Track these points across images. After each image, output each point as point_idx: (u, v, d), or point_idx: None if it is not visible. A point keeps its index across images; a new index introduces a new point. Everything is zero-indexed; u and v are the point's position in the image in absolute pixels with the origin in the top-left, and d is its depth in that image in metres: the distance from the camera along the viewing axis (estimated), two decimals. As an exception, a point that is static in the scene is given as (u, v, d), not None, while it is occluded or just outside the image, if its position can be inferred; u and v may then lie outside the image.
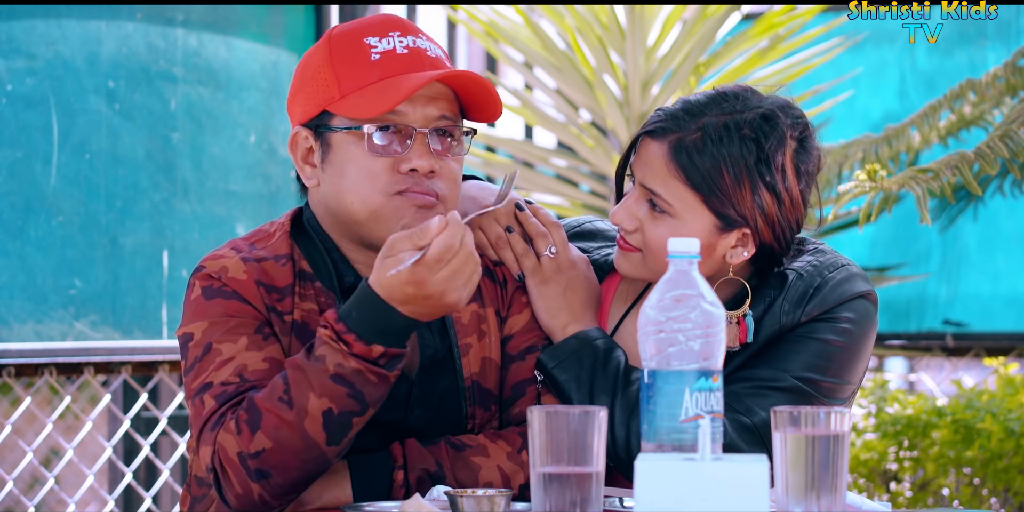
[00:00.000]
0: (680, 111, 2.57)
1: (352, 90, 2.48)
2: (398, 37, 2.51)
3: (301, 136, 2.54)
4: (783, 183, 2.54)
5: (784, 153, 2.54)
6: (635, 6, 4.93)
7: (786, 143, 2.55)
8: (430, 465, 2.47)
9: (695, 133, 2.53)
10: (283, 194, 4.81)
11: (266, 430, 2.35)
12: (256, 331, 2.47)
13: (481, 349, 2.60)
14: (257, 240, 2.57)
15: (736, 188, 2.52)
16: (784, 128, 2.55)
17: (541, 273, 2.64)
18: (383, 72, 2.48)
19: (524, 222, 2.67)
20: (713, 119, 2.54)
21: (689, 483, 1.99)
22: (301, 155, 2.55)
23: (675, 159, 2.54)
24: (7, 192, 4.23)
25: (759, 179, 2.52)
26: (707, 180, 2.52)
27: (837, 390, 2.57)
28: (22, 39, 4.27)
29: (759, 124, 2.54)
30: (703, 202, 2.53)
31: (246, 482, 2.37)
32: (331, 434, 2.35)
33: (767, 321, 2.58)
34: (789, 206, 2.56)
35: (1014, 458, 4.59)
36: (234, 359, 2.44)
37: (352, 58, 2.49)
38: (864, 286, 2.61)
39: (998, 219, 5.19)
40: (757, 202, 2.53)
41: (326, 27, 4.96)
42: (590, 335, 2.60)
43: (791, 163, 2.55)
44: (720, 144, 2.52)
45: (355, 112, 2.47)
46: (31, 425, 6.10)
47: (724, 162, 2.52)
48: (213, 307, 2.48)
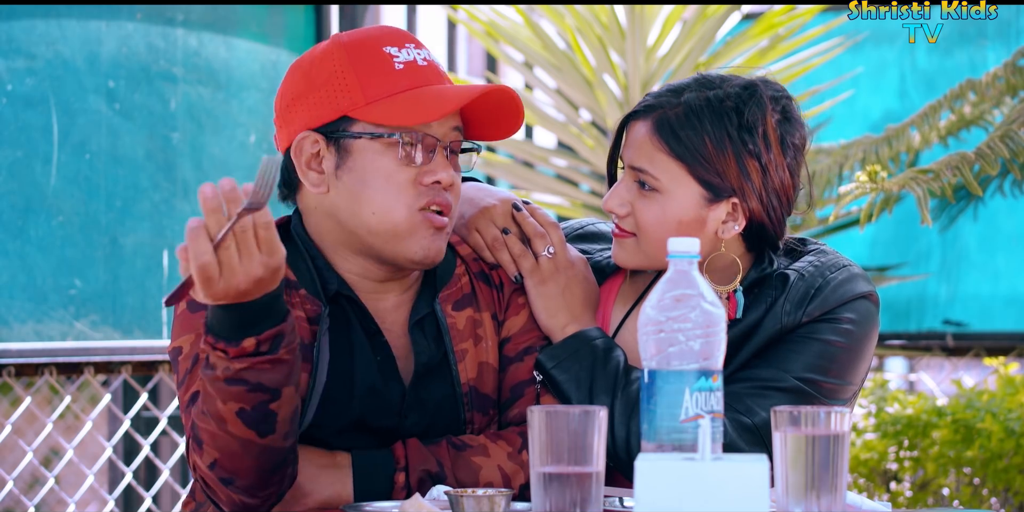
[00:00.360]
0: (663, 91, 2.63)
1: (379, 97, 2.47)
2: (414, 49, 2.52)
3: (309, 141, 2.51)
4: (767, 151, 2.57)
5: (766, 121, 2.57)
6: (635, 6, 4.93)
7: (767, 112, 2.58)
8: (431, 465, 2.47)
9: (677, 107, 2.58)
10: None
11: (208, 442, 2.35)
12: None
13: (478, 354, 2.59)
14: None
15: (720, 155, 2.55)
16: (765, 98, 2.59)
17: (539, 273, 2.64)
18: (410, 82, 2.48)
19: (521, 222, 2.67)
20: (695, 94, 2.59)
21: (689, 483, 1.99)
22: (305, 160, 2.52)
23: (658, 132, 2.57)
24: (7, 192, 4.23)
25: (742, 146, 2.55)
26: (690, 149, 2.55)
27: (838, 391, 2.57)
28: (22, 39, 4.27)
29: (739, 94, 2.58)
30: (688, 172, 2.56)
31: (224, 490, 2.39)
32: (257, 428, 2.32)
33: (768, 321, 2.58)
34: (775, 175, 2.58)
35: (1014, 458, 4.59)
36: None
37: (376, 66, 2.48)
38: (866, 287, 2.62)
39: (998, 219, 5.19)
40: (742, 168, 2.55)
41: (326, 27, 4.96)
42: (589, 335, 2.60)
43: (774, 132, 2.58)
44: (702, 114, 2.56)
45: (388, 119, 2.46)
46: (31, 425, 6.11)
47: (706, 129, 2.55)
48: (199, 319, 2.48)
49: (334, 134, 2.49)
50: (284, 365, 2.29)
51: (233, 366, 2.27)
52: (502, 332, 2.63)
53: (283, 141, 2.55)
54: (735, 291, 2.60)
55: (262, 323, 2.26)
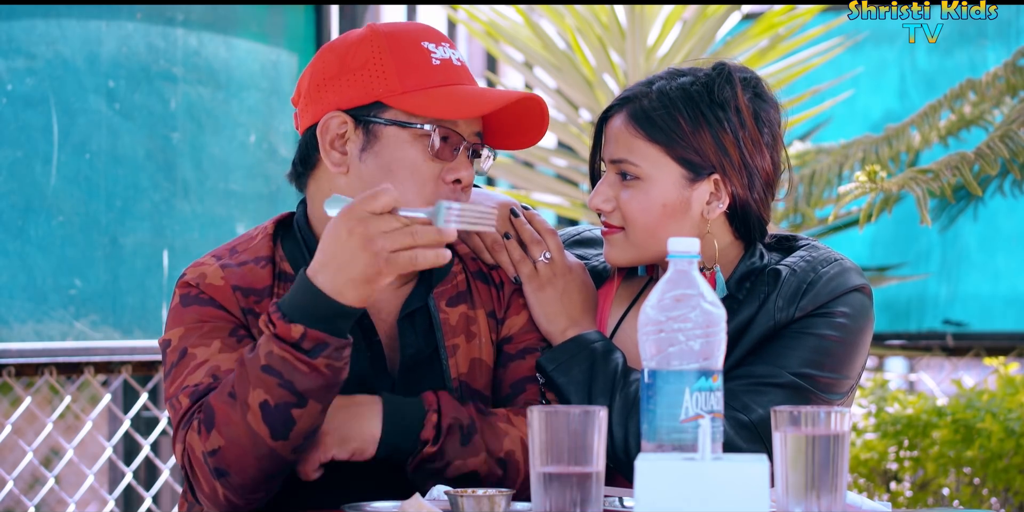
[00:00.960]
0: (634, 85, 2.67)
1: (416, 88, 2.49)
2: (448, 48, 2.55)
3: (337, 120, 2.51)
4: (741, 127, 2.60)
5: (736, 96, 2.61)
6: (635, 6, 4.94)
7: (737, 88, 2.61)
8: (463, 416, 2.47)
9: (649, 95, 2.62)
10: (283, 194, 4.81)
11: (219, 427, 2.36)
12: (230, 334, 2.49)
13: (470, 350, 2.60)
14: (239, 244, 2.59)
15: (695, 131, 2.58)
16: (735, 76, 2.63)
17: (537, 279, 2.65)
18: (446, 78, 2.51)
19: (519, 228, 2.67)
20: (665, 82, 2.64)
21: (689, 483, 1.99)
22: (330, 139, 2.52)
23: (633, 120, 2.60)
24: (7, 192, 4.23)
25: (716, 122, 2.59)
26: (665, 130, 2.59)
27: (835, 385, 2.57)
28: (22, 39, 4.27)
29: (708, 74, 2.63)
30: (666, 153, 2.59)
31: (211, 481, 2.38)
32: (273, 427, 2.33)
33: (761, 318, 2.59)
34: (753, 151, 2.60)
35: (1014, 458, 4.59)
36: (208, 362, 2.45)
37: (414, 57, 2.50)
38: (858, 279, 2.62)
39: (998, 219, 5.19)
40: (718, 144, 2.58)
41: (326, 27, 4.96)
42: (588, 338, 2.61)
43: (747, 108, 2.61)
44: (675, 97, 2.60)
45: (424, 110, 2.48)
46: (31, 425, 6.11)
47: (679, 111, 2.59)
48: (189, 314, 2.51)
49: (365, 117, 2.50)
50: (319, 376, 2.31)
51: (274, 350, 2.30)
52: (503, 331, 2.64)
53: (307, 119, 2.55)
54: (715, 268, 2.61)
55: (322, 323, 2.30)
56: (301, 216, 2.59)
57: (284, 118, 4.83)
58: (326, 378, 2.33)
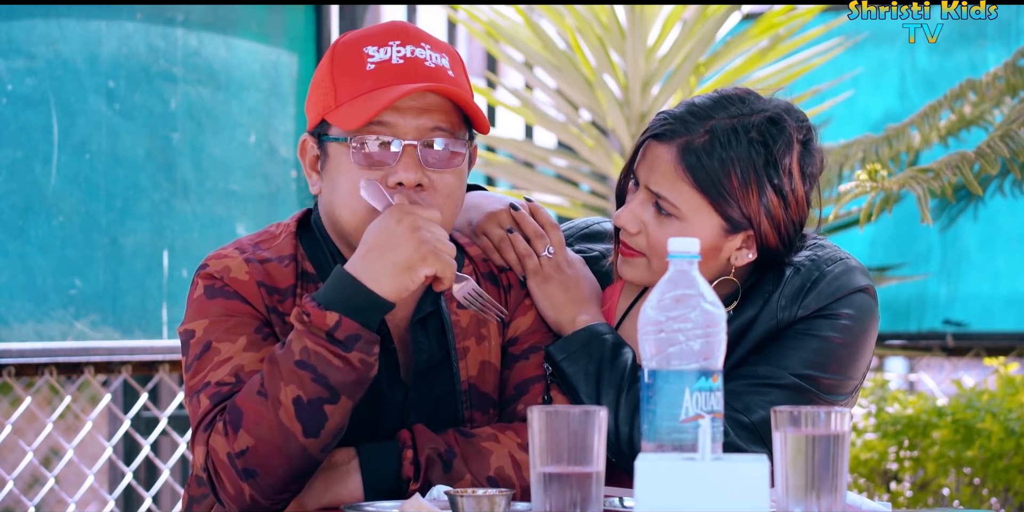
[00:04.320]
0: (687, 114, 2.57)
1: (345, 100, 2.47)
2: (397, 46, 2.48)
3: (308, 144, 2.55)
4: (789, 185, 2.55)
5: (791, 156, 2.55)
6: (635, 6, 4.93)
7: (793, 145, 2.56)
8: (440, 445, 2.46)
9: (703, 136, 2.54)
10: (283, 194, 4.81)
11: (247, 427, 2.35)
12: (256, 331, 2.47)
13: (480, 353, 2.59)
14: (262, 241, 2.58)
15: (744, 190, 2.53)
16: (791, 131, 2.56)
17: (542, 272, 2.65)
18: (374, 83, 2.46)
19: (521, 222, 2.67)
20: (721, 122, 2.54)
21: (689, 483, 1.99)
22: (309, 162, 2.55)
23: (684, 161, 2.54)
24: (7, 192, 4.23)
25: (767, 182, 2.53)
26: (715, 182, 2.53)
27: (838, 386, 2.57)
28: (22, 39, 4.27)
29: (767, 127, 2.54)
30: (710, 204, 2.54)
31: (237, 482, 2.37)
32: (305, 424, 2.33)
33: (764, 316, 2.58)
34: (795, 208, 2.57)
35: (1014, 458, 4.59)
36: (232, 359, 2.44)
37: (349, 68, 2.48)
38: (863, 280, 2.61)
39: (998, 219, 5.19)
40: (764, 204, 2.54)
41: (326, 27, 4.96)
42: (600, 330, 2.60)
43: (797, 165, 2.56)
44: (729, 146, 2.52)
45: (344, 123, 2.46)
46: (31, 425, 6.11)
47: (732, 164, 2.52)
48: (214, 306, 2.49)
49: (319, 137, 2.53)
50: (352, 370, 2.33)
51: (308, 345, 2.31)
52: (508, 332, 2.63)
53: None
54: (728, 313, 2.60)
55: (357, 313, 2.33)
56: (318, 219, 2.59)
57: (284, 118, 4.82)
58: (359, 373, 2.34)
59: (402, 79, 2.46)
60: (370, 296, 2.34)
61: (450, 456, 2.46)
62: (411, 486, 2.43)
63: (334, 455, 2.46)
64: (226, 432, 2.36)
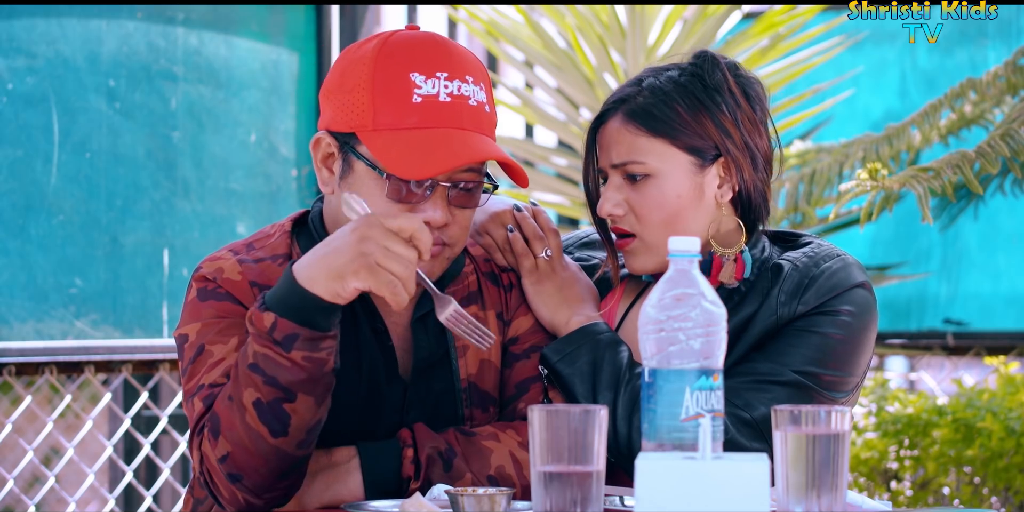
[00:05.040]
0: (619, 88, 2.68)
1: (386, 127, 2.43)
2: (444, 79, 2.44)
3: (324, 142, 2.49)
4: (737, 107, 2.61)
5: (726, 79, 2.63)
6: (636, 5, 4.94)
7: (724, 71, 2.64)
8: (440, 444, 2.47)
9: (642, 92, 2.63)
10: (283, 193, 4.81)
11: (225, 433, 2.36)
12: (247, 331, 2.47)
13: (479, 351, 2.59)
14: (256, 240, 2.58)
15: (694, 115, 2.60)
16: (719, 60, 2.65)
17: (537, 273, 2.66)
18: (421, 120, 2.42)
19: (521, 223, 2.68)
20: (652, 78, 2.65)
21: (689, 482, 1.99)
22: (321, 157, 2.51)
23: (632, 118, 2.61)
24: (8, 191, 4.23)
25: (712, 104, 2.60)
26: (666, 120, 2.60)
27: (839, 383, 2.57)
28: (23, 38, 4.27)
29: (694, 65, 2.65)
30: (671, 143, 2.60)
31: (228, 486, 2.39)
32: (270, 425, 2.33)
33: (763, 313, 2.59)
34: (750, 127, 2.63)
35: (1015, 457, 4.59)
36: (224, 360, 2.44)
37: (394, 93, 2.43)
38: (860, 276, 2.62)
39: (999, 218, 5.19)
40: (719, 125, 2.60)
41: (326, 26, 4.96)
42: (595, 329, 2.61)
43: (736, 86, 2.63)
44: (668, 89, 2.62)
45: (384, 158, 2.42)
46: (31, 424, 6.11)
47: (675, 99, 2.61)
48: (206, 309, 2.49)
49: (344, 145, 2.48)
50: (299, 369, 2.31)
51: (256, 348, 2.31)
52: (509, 332, 2.64)
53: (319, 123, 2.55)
54: (742, 251, 2.61)
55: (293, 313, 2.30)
56: (316, 214, 2.59)
57: (284, 117, 4.83)
58: (307, 371, 2.32)
59: (450, 122, 2.43)
60: (306, 297, 2.30)
61: (450, 455, 2.46)
62: (412, 485, 2.43)
63: (334, 454, 2.47)
64: (210, 438, 2.38)
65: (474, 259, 2.66)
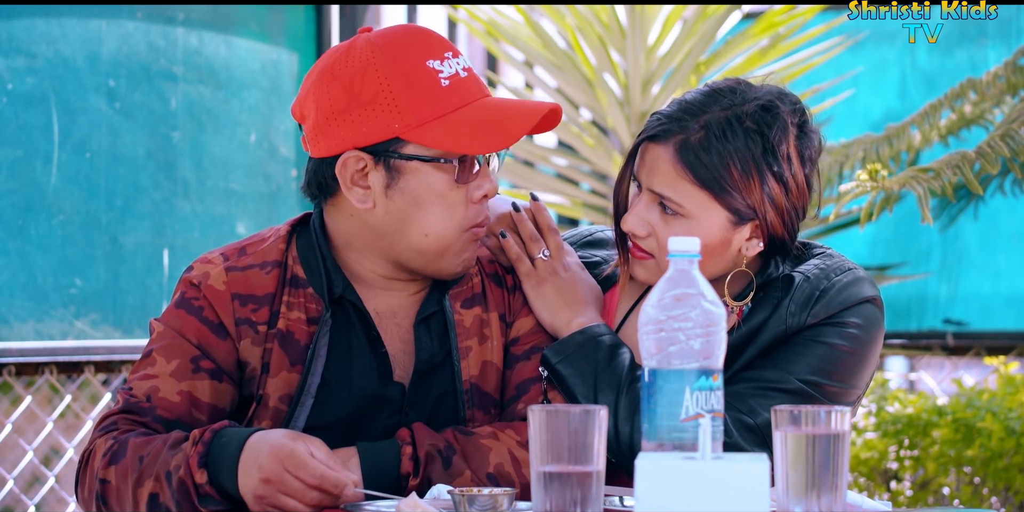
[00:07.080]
0: (679, 112, 2.57)
1: (432, 118, 2.44)
2: (452, 58, 2.48)
3: (354, 159, 2.46)
4: (789, 171, 2.55)
5: (787, 141, 2.55)
6: (636, 5, 4.94)
7: (788, 131, 2.55)
8: (439, 442, 2.47)
9: (699, 132, 2.53)
10: (283, 193, 4.81)
11: (117, 471, 2.42)
12: (191, 361, 2.50)
13: (482, 352, 2.59)
14: (250, 244, 2.58)
15: (745, 181, 2.52)
16: (785, 116, 2.55)
17: (536, 275, 2.64)
18: (459, 99, 2.46)
19: (518, 224, 2.66)
20: (714, 116, 2.54)
21: (689, 482, 1.99)
22: (351, 177, 2.47)
23: (682, 160, 2.53)
24: (8, 191, 4.23)
25: (767, 170, 2.53)
26: (716, 177, 2.52)
27: (842, 395, 2.57)
28: (23, 38, 4.27)
29: (760, 115, 2.54)
30: (715, 199, 2.54)
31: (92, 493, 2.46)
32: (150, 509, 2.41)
33: (773, 322, 2.58)
34: (796, 193, 2.57)
35: (1015, 457, 4.59)
36: (156, 378, 2.49)
37: (423, 82, 2.44)
38: (871, 290, 2.61)
39: (999, 218, 5.19)
40: (767, 192, 2.54)
41: (326, 26, 4.96)
42: (596, 331, 2.60)
43: (795, 150, 2.56)
44: (725, 140, 2.52)
45: (445, 144, 2.44)
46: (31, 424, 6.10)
47: (731, 157, 2.52)
48: (176, 318, 2.53)
49: (384, 154, 2.46)
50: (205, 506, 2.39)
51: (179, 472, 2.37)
52: (510, 333, 2.63)
53: (318, 150, 2.49)
54: (744, 307, 2.60)
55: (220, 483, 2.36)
56: (318, 218, 2.58)
57: (284, 117, 4.83)
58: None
59: (480, 93, 2.49)
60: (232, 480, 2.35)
61: (449, 452, 2.46)
62: (411, 482, 2.43)
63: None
64: (104, 454, 2.44)
65: (479, 260, 2.65)
